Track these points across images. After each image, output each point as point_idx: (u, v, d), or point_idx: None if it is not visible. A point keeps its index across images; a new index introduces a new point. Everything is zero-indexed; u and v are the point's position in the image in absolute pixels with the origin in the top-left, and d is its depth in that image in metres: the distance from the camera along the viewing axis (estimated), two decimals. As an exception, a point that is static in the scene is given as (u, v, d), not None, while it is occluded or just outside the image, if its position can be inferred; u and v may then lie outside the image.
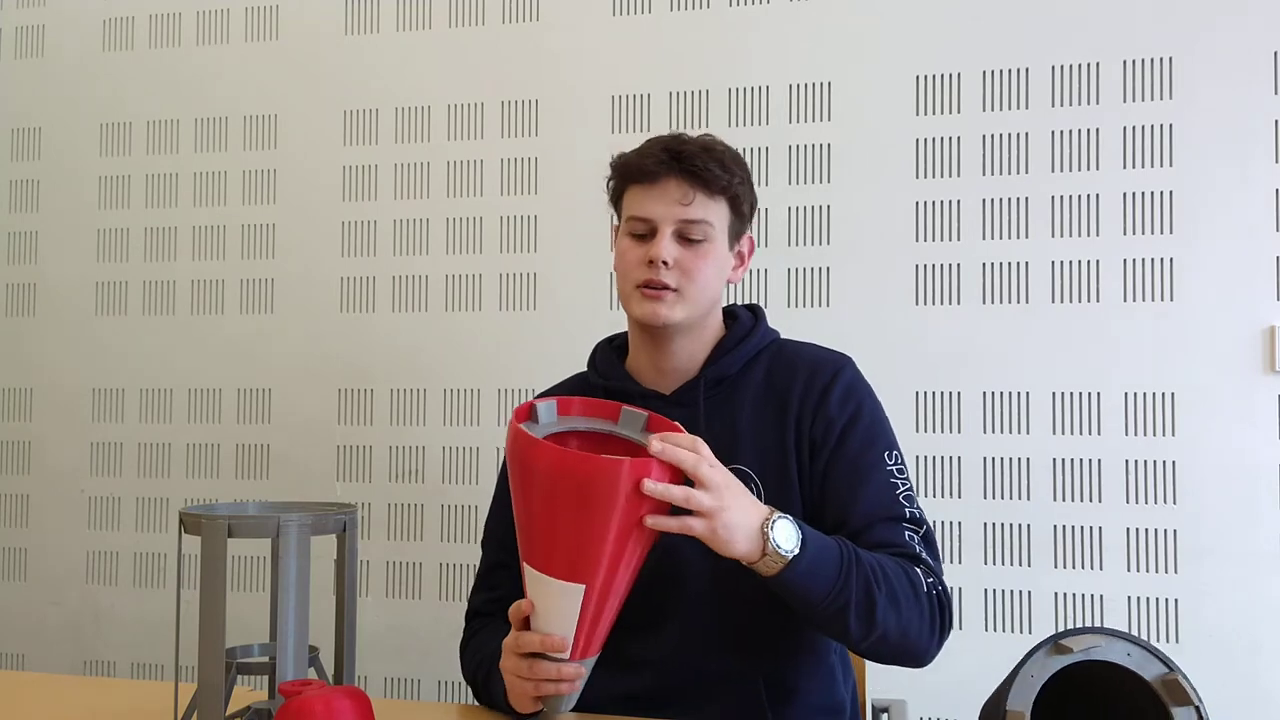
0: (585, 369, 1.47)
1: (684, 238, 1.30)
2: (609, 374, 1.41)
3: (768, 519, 1.12)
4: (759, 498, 1.31)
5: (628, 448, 1.18)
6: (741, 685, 1.30)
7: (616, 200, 1.38)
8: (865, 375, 1.40)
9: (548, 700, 1.14)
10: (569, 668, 1.11)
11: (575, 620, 1.09)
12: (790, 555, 1.12)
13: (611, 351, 1.45)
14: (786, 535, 1.12)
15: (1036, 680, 0.95)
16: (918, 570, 1.23)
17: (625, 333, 1.44)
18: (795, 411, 1.33)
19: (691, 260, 1.30)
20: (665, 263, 1.28)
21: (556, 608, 1.09)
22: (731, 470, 1.31)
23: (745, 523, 1.11)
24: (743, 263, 1.39)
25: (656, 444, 1.08)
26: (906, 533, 1.27)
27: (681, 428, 1.16)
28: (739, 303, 1.48)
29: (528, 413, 1.18)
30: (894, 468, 1.32)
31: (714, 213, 1.31)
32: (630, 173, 1.33)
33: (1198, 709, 0.94)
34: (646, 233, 1.31)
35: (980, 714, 1.20)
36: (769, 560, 1.12)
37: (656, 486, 1.06)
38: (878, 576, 1.17)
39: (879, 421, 1.35)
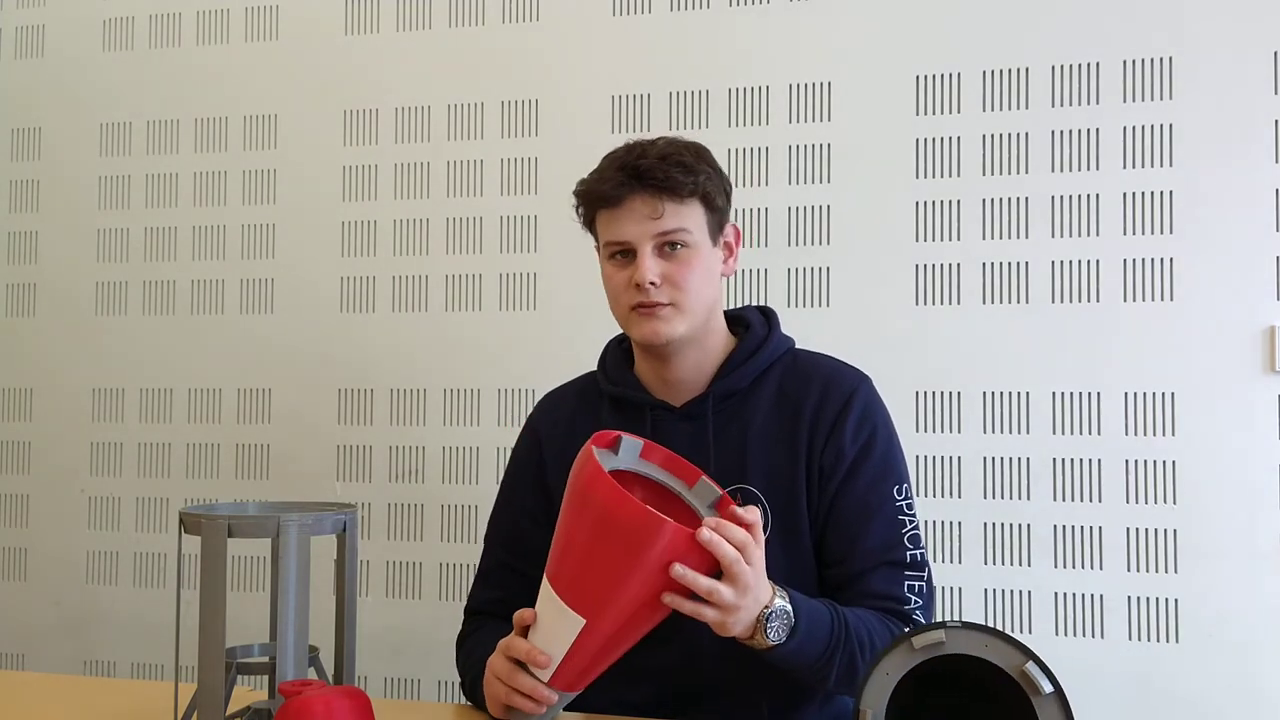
0: (593, 369, 1.45)
1: (664, 250, 1.28)
2: (619, 380, 1.39)
3: (767, 607, 1.11)
4: (767, 519, 1.30)
5: (689, 512, 1.16)
6: (744, 700, 1.29)
7: (590, 225, 1.36)
8: (865, 376, 1.40)
9: (514, 713, 1.14)
10: (543, 690, 1.11)
11: (566, 649, 1.09)
12: (779, 644, 1.13)
13: (621, 355, 1.43)
14: (778, 628, 1.12)
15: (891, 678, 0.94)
16: (906, 632, 1.23)
17: None
18: (807, 434, 1.31)
19: (677, 271, 1.27)
20: (653, 283, 1.26)
21: (554, 629, 1.09)
22: (737, 490, 1.30)
23: (750, 614, 1.11)
24: (732, 253, 1.37)
25: (705, 533, 1.05)
26: (907, 582, 1.26)
27: (756, 517, 1.11)
28: (744, 304, 1.47)
29: (610, 441, 1.16)
30: (903, 503, 1.30)
31: (688, 218, 1.28)
32: (594, 199, 1.31)
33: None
34: (625, 254, 1.29)
35: None
36: (758, 641, 1.13)
37: (686, 573, 1.05)
38: (864, 649, 1.18)
39: (892, 452, 1.33)
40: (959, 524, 1.92)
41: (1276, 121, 1.83)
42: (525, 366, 2.11)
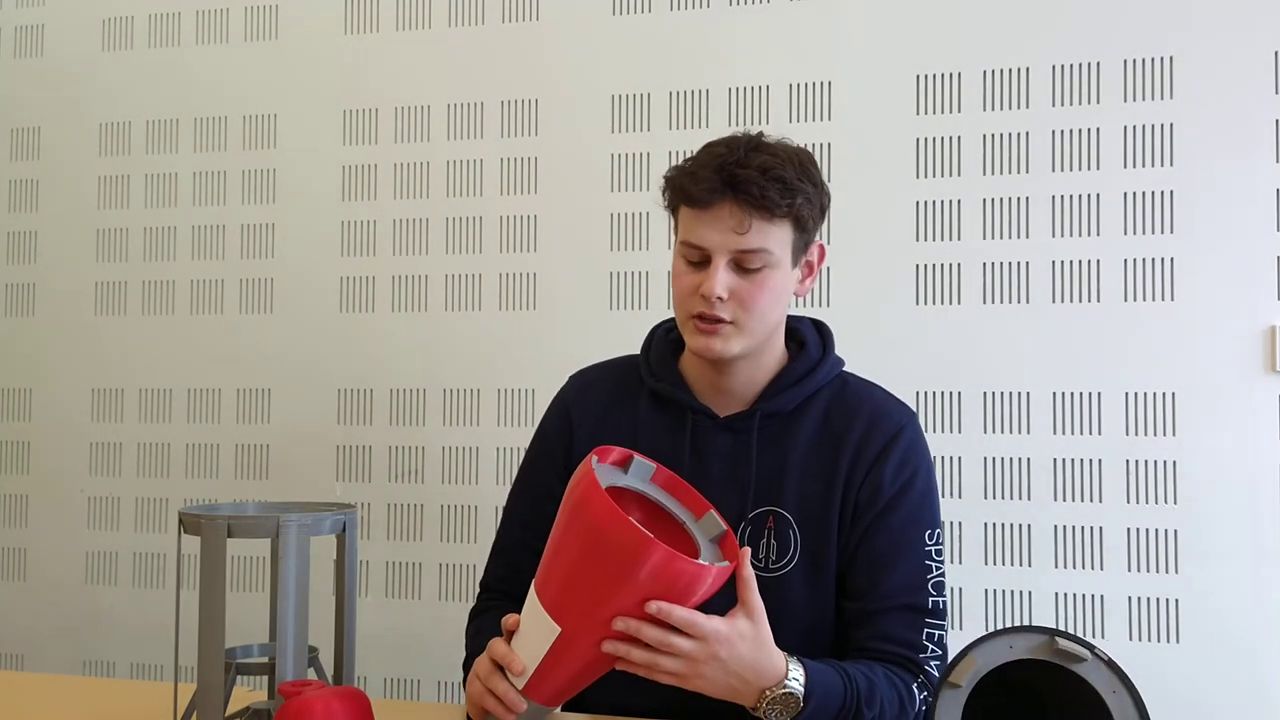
0: (633, 353, 1.43)
1: (740, 266, 1.23)
2: (663, 375, 1.36)
3: (771, 689, 1.09)
4: (797, 545, 1.29)
5: (690, 543, 1.14)
6: (747, 713, 1.29)
7: (673, 211, 1.31)
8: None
9: (488, 717, 1.14)
10: (514, 695, 1.10)
11: (540, 657, 1.08)
12: None
13: (667, 347, 1.39)
14: (780, 711, 1.10)
15: None
16: (914, 688, 1.21)
17: None
18: (847, 466, 1.29)
19: (748, 291, 1.22)
20: (720, 297, 1.22)
21: (532, 634, 1.09)
22: (770, 513, 1.29)
23: (732, 685, 1.08)
24: (811, 272, 1.32)
25: (653, 605, 1.02)
26: (925, 629, 1.25)
27: (748, 555, 1.10)
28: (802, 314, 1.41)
29: (621, 459, 1.14)
30: (932, 548, 1.28)
31: (774, 238, 1.22)
32: (682, 194, 1.25)
33: (1094, 652, 0.91)
34: (699, 259, 1.24)
35: None
36: (761, 715, 1.11)
37: (630, 623, 1.03)
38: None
39: (929, 495, 1.31)
40: (959, 524, 1.92)
41: (1277, 121, 1.83)
42: (525, 366, 2.11)
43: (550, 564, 1.09)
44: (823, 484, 1.29)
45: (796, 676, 1.11)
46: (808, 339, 1.36)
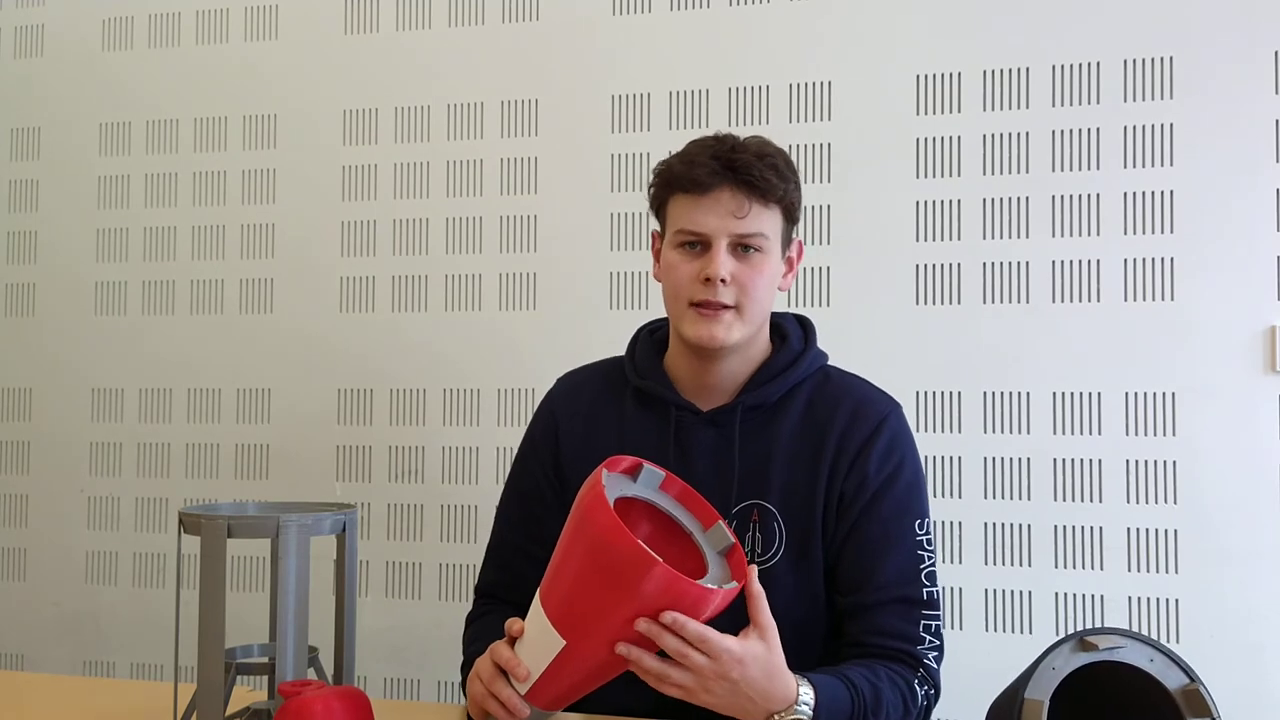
0: (616, 355, 1.43)
1: (738, 250, 1.25)
2: (647, 374, 1.37)
3: (780, 714, 1.08)
4: (781, 537, 1.28)
5: (696, 552, 1.13)
6: None
7: (659, 207, 1.32)
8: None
9: (487, 718, 1.14)
10: (517, 701, 1.10)
11: (544, 666, 1.08)
12: None
13: (652, 346, 1.40)
14: None
15: (1058, 673, 0.95)
16: (914, 685, 1.22)
17: (667, 320, 1.38)
18: (831, 458, 1.29)
19: (748, 274, 1.25)
20: (723, 280, 1.23)
21: (536, 643, 1.09)
22: (754, 506, 1.29)
23: (740, 705, 1.07)
24: (791, 268, 1.34)
25: (668, 616, 1.01)
26: (922, 621, 1.25)
27: (755, 573, 1.09)
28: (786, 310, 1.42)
29: (630, 467, 1.14)
30: (923, 538, 1.28)
31: (769, 223, 1.26)
32: (679, 182, 1.28)
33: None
34: (698, 246, 1.26)
35: (995, 703, 1.19)
36: None
37: (651, 627, 1.02)
38: None
39: (916, 484, 1.31)
40: (959, 524, 1.92)
41: (1277, 121, 1.83)
42: (525, 366, 2.11)
43: (555, 575, 1.08)
44: (807, 475, 1.29)
45: (807, 700, 1.10)
46: (790, 333, 1.37)
